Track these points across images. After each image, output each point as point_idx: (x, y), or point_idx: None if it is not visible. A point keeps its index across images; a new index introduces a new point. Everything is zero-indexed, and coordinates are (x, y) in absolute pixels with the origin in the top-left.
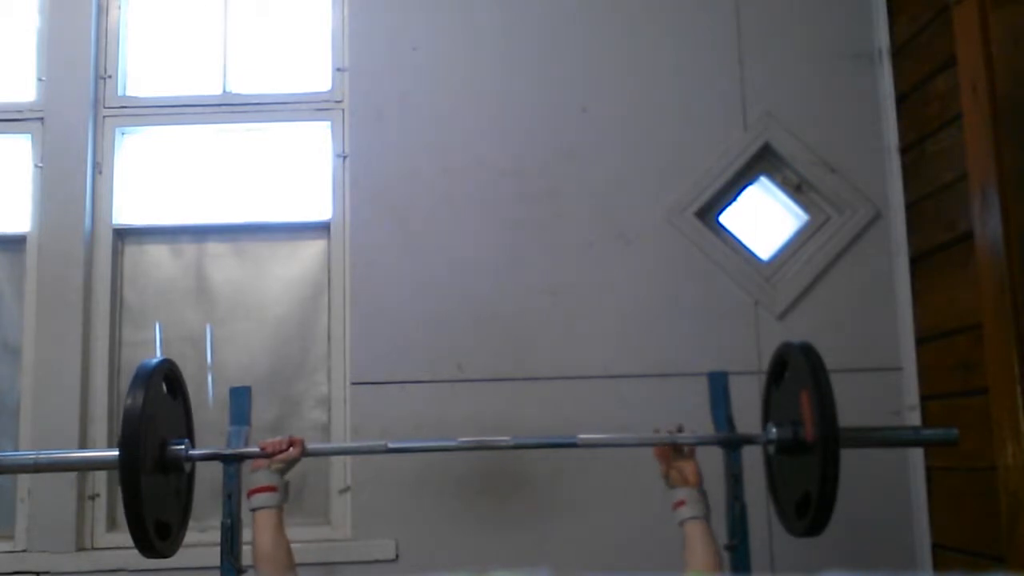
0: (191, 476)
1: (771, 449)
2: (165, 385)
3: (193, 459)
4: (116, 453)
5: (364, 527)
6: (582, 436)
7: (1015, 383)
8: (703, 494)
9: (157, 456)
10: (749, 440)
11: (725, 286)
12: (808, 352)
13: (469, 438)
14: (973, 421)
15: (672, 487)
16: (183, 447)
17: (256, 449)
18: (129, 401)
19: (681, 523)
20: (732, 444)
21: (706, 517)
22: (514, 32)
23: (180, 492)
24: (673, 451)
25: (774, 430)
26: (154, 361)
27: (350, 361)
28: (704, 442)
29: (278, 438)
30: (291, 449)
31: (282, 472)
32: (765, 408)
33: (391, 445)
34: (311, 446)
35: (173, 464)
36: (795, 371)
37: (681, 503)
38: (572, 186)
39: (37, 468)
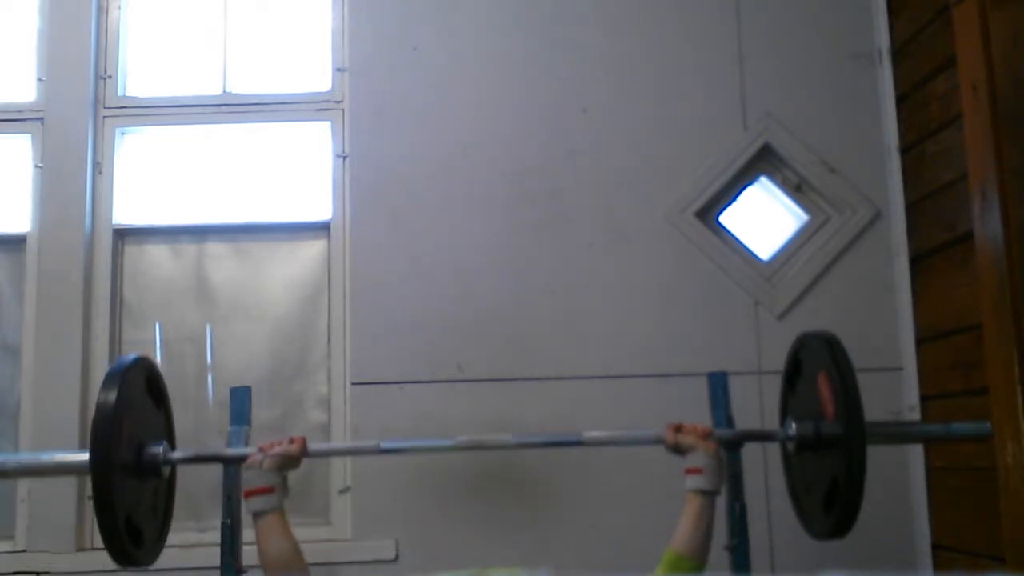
0: (171, 481)
1: (790, 446)
2: (146, 387)
3: (172, 462)
4: (87, 455)
5: (364, 527)
6: (587, 434)
7: (1015, 383)
8: (721, 462)
9: (133, 459)
10: (768, 436)
11: (725, 286)
12: (827, 339)
13: (467, 437)
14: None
15: (686, 450)
16: (161, 449)
17: (243, 450)
18: (101, 399)
19: (688, 490)
20: (733, 444)
21: (716, 491)
22: (514, 32)
23: (158, 498)
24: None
25: (794, 425)
26: (129, 358)
27: (350, 361)
28: (717, 437)
29: (277, 439)
30: (290, 445)
31: (279, 469)
32: (783, 409)
33: (383, 446)
34: (311, 448)
35: (150, 467)
36: (812, 361)
37: (697, 471)
38: (572, 186)
39: (4, 473)
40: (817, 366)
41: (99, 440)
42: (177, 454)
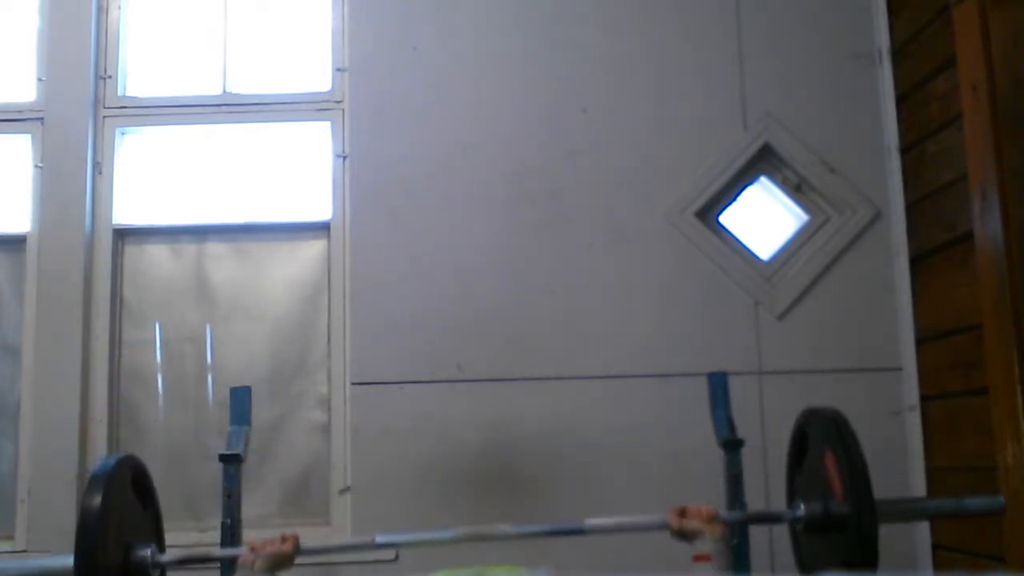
0: None
1: (799, 527)
2: (133, 486)
3: (161, 566)
4: (71, 560)
5: (364, 527)
6: (589, 521)
7: (1015, 383)
8: (728, 545)
9: (120, 563)
10: (777, 518)
11: (725, 286)
12: (832, 417)
13: (467, 529)
14: (973, 421)
15: (692, 536)
16: (149, 552)
17: (234, 551)
18: (85, 503)
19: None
20: (732, 447)
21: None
22: (514, 32)
23: None
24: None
25: (802, 506)
26: (114, 459)
27: (350, 361)
28: (723, 520)
29: (269, 538)
30: (282, 545)
31: (270, 570)
32: (790, 487)
33: (378, 540)
34: (304, 544)
35: (138, 572)
36: (818, 439)
37: (705, 559)
38: (572, 186)
39: None
40: (824, 444)
41: (84, 546)
42: (166, 557)
